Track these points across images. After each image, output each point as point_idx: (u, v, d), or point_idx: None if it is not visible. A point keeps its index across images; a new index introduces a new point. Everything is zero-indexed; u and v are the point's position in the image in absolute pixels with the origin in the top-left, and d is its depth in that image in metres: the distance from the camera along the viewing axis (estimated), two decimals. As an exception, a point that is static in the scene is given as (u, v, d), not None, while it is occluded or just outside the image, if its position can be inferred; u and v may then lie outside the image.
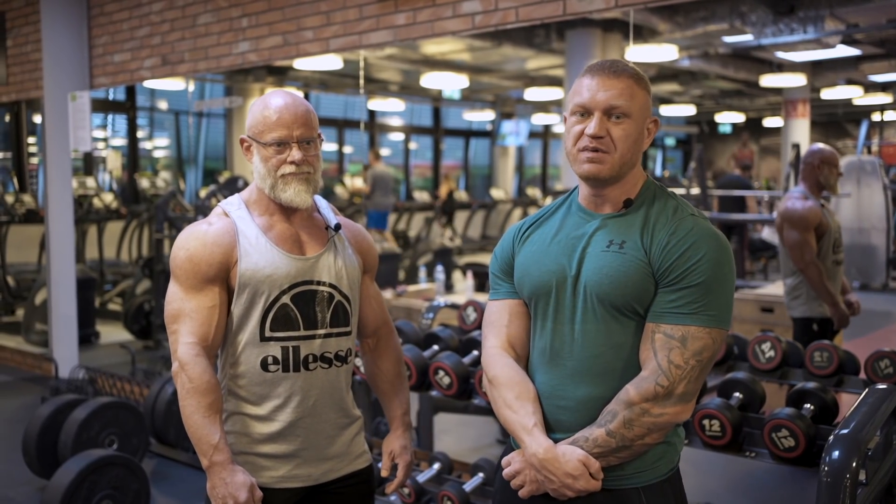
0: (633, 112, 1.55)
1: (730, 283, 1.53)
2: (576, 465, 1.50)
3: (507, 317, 1.71)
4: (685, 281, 1.49)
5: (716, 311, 1.50)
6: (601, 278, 1.54)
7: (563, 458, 1.52)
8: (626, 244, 1.54)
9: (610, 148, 1.55)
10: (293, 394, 1.85)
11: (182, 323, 1.81)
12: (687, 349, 1.48)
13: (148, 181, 8.03)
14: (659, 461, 1.57)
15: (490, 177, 12.80)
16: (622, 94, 1.54)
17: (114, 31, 5.49)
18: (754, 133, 11.95)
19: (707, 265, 1.49)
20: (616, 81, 1.54)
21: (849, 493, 1.93)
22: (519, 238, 1.71)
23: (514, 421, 1.60)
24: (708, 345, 1.49)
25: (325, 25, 4.24)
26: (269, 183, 1.84)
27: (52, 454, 3.95)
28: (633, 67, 1.58)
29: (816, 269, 3.60)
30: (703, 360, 1.49)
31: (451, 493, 2.85)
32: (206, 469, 1.77)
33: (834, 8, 5.74)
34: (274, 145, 1.82)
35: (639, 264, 1.52)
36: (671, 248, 1.51)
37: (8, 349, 6.72)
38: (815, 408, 2.42)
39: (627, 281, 1.52)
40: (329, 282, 1.88)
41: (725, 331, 1.53)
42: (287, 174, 1.82)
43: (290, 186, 1.83)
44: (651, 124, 1.60)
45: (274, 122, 1.81)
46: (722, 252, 1.52)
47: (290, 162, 1.82)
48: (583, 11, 3.31)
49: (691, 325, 1.49)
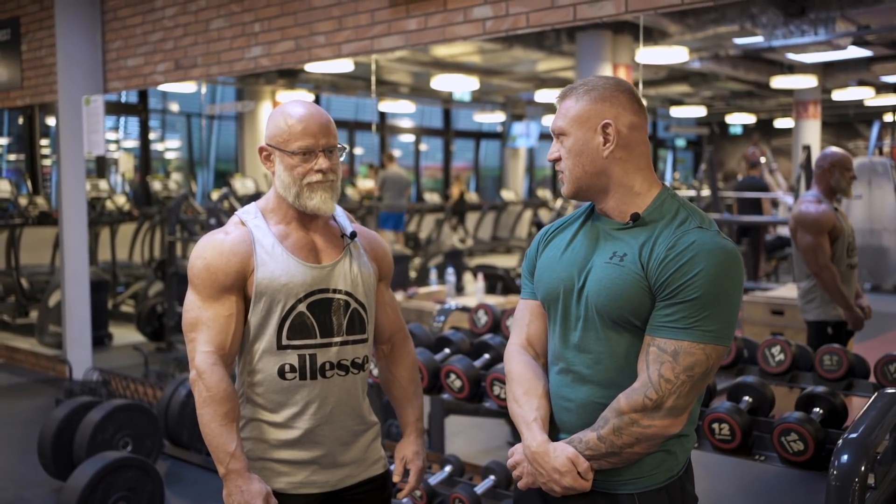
0: (568, 128, 1.61)
1: (731, 298, 1.51)
2: (564, 461, 1.55)
3: (528, 316, 1.77)
4: (681, 296, 1.49)
5: (713, 327, 1.49)
6: (600, 290, 1.56)
7: (552, 453, 1.57)
8: (626, 257, 1.55)
9: (564, 167, 1.63)
10: (310, 401, 1.87)
11: (199, 331, 1.83)
12: (678, 364, 1.49)
13: (160, 183, 8.08)
14: (656, 469, 1.58)
15: (500, 178, 12.83)
16: (560, 116, 1.63)
17: (127, 36, 5.54)
18: (765, 134, 11.94)
19: (704, 280, 1.48)
20: (560, 106, 1.64)
21: (857, 497, 1.94)
22: (543, 242, 1.74)
23: (519, 415, 1.66)
24: (700, 360, 1.49)
25: (338, 30, 4.27)
26: (295, 191, 1.86)
27: (68, 456, 3.99)
28: (583, 83, 1.62)
29: (830, 272, 3.60)
30: (694, 376, 1.49)
31: (463, 496, 2.87)
32: (222, 477, 1.79)
33: (845, 10, 5.73)
34: (300, 154, 1.84)
35: (635, 278, 1.53)
36: (668, 261, 1.50)
37: (22, 351, 6.77)
38: (824, 412, 2.43)
39: (624, 294, 1.53)
40: (345, 290, 1.90)
41: (723, 347, 1.51)
42: (314, 182, 1.85)
43: (316, 194, 1.85)
44: (606, 128, 1.58)
45: (300, 131, 1.83)
46: (723, 268, 1.49)
47: (317, 170, 1.84)
48: (593, 17, 3.32)
49: (684, 339, 1.49)
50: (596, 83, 1.61)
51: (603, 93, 1.59)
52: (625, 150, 1.59)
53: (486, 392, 2.84)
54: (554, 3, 3.43)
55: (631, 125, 1.59)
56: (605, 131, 1.58)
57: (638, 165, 1.61)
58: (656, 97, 10.69)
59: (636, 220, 1.58)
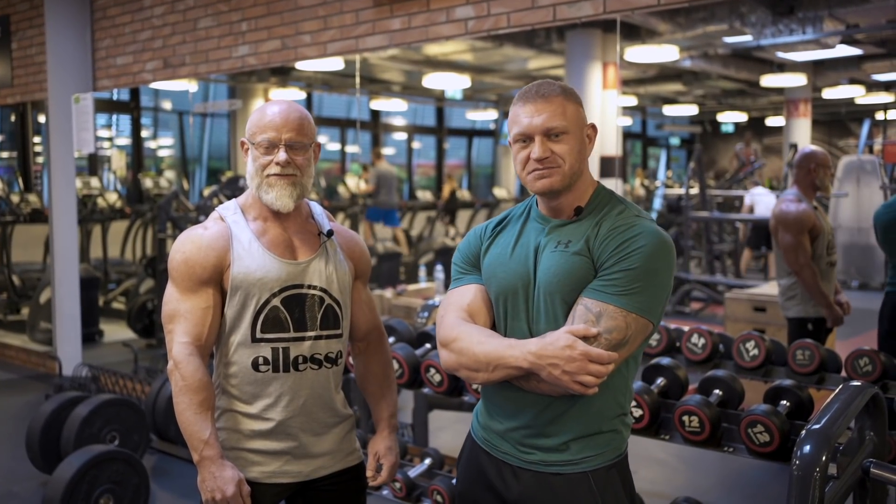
0: (569, 128, 1.64)
1: (661, 278, 1.58)
2: (564, 335, 1.53)
3: (468, 294, 1.74)
4: (617, 266, 1.56)
5: (639, 298, 1.55)
6: (549, 277, 1.62)
7: (550, 339, 1.55)
8: (570, 243, 1.63)
9: (558, 162, 1.64)
10: (283, 393, 1.92)
11: (177, 323, 1.88)
12: (600, 325, 1.54)
13: (151, 181, 8.10)
14: (606, 447, 1.65)
15: (493, 176, 12.86)
16: (555, 115, 1.63)
17: (116, 35, 5.58)
18: (757, 132, 11.99)
19: (641, 255, 1.55)
20: (547, 104, 1.64)
21: (819, 487, 1.98)
22: (486, 239, 1.78)
23: (494, 346, 1.61)
24: (620, 326, 1.55)
25: (323, 30, 4.31)
26: (256, 182, 1.92)
27: (55, 450, 4.04)
28: (560, 85, 1.67)
29: (811, 270, 3.65)
30: (611, 340, 1.54)
31: (441, 488, 2.92)
32: (196, 463, 1.84)
33: (833, 9, 5.77)
34: (263, 146, 1.90)
35: (581, 259, 1.60)
36: (610, 239, 1.59)
37: (13, 347, 6.81)
38: (790, 404, 2.48)
39: (570, 276, 1.60)
40: (319, 286, 1.95)
41: (646, 321, 1.57)
42: (272, 175, 1.90)
43: (273, 189, 1.90)
44: (590, 131, 1.69)
45: (265, 124, 1.90)
46: (660, 249, 1.57)
47: (276, 163, 1.89)
48: (571, 17, 3.38)
49: (610, 304, 1.55)
50: (565, 87, 1.68)
51: (577, 96, 1.69)
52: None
53: (465, 386, 2.88)
54: (534, 3, 3.48)
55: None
56: (590, 132, 1.70)
57: (587, 167, 1.72)
58: (646, 96, 10.73)
59: (578, 214, 1.67)
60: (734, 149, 10.94)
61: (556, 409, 1.63)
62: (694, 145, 10.56)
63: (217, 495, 1.81)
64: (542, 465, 1.65)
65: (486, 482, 1.73)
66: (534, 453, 1.66)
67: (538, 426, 1.65)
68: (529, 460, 1.66)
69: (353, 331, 2.12)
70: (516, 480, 1.67)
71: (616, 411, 1.66)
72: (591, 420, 1.63)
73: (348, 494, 2.06)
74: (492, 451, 1.73)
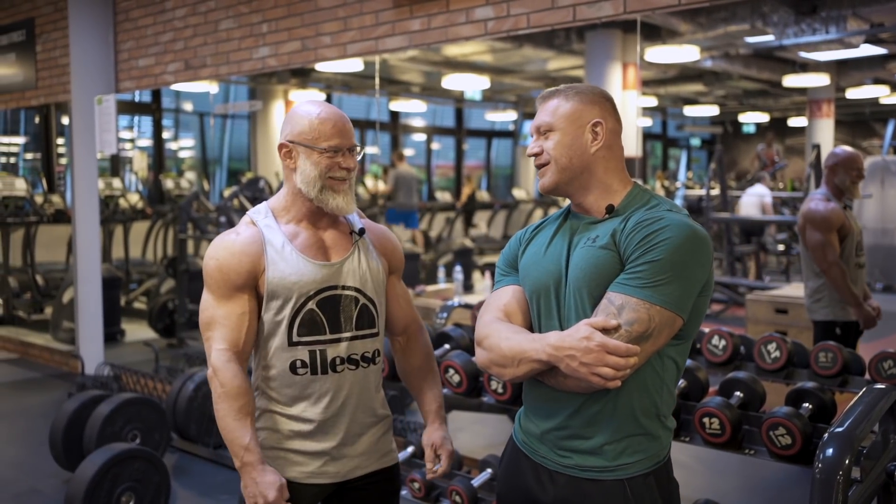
0: (555, 124, 1.67)
1: (689, 271, 1.54)
2: (583, 328, 1.53)
3: (506, 295, 1.76)
4: (642, 259, 1.54)
5: (665, 290, 1.52)
6: (577, 272, 1.62)
7: (570, 332, 1.54)
8: (598, 238, 1.62)
9: (547, 159, 1.68)
10: (322, 395, 1.93)
11: (214, 330, 1.89)
12: (621, 317, 1.52)
13: (172, 182, 8.16)
14: (644, 454, 1.62)
15: (512, 177, 12.85)
16: (546, 113, 1.69)
17: (139, 37, 5.62)
18: (779, 133, 11.90)
19: (666, 246, 1.53)
20: (544, 105, 1.70)
21: (842, 491, 1.96)
22: (524, 241, 1.79)
23: (518, 340, 1.61)
24: (642, 319, 1.51)
25: (343, 31, 4.32)
26: (319, 186, 1.91)
27: (78, 448, 4.08)
28: (568, 85, 1.70)
29: (840, 269, 3.58)
30: (631, 332, 1.51)
31: (460, 488, 2.92)
32: (238, 469, 1.86)
33: (857, 8, 5.72)
34: (330, 152, 1.90)
35: (607, 253, 1.59)
36: (636, 232, 1.57)
37: (37, 346, 6.88)
38: (813, 407, 2.45)
39: (597, 270, 1.59)
40: (354, 286, 1.95)
41: (672, 315, 1.53)
42: (337, 178, 1.91)
43: (339, 195, 1.92)
44: (597, 126, 1.67)
45: (330, 129, 1.90)
46: (689, 241, 1.55)
47: (343, 167, 1.91)
48: (591, 18, 3.36)
49: (633, 296, 1.52)
50: (583, 88, 1.71)
51: (591, 97, 1.70)
52: (608, 150, 1.69)
53: (485, 387, 2.88)
54: (554, 3, 3.47)
55: (613, 129, 1.71)
56: (594, 129, 1.68)
57: (617, 166, 1.70)
58: (666, 96, 10.68)
59: (611, 212, 1.66)
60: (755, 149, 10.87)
61: (590, 408, 1.61)
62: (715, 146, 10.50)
63: (259, 500, 1.82)
64: (578, 470, 1.63)
65: (524, 485, 1.72)
66: (570, 457, 1.64)
67: (574, 427, 1.63)
68: (566, 464, 1.65)
69: (391, 325, 2.12)
70: (553, 484, 1.66)
71: (652, 412, 1.62)
72: (626, 421, 1.60)
73: (384, 496, 2.06)
74: (531, 454, 1.72)
